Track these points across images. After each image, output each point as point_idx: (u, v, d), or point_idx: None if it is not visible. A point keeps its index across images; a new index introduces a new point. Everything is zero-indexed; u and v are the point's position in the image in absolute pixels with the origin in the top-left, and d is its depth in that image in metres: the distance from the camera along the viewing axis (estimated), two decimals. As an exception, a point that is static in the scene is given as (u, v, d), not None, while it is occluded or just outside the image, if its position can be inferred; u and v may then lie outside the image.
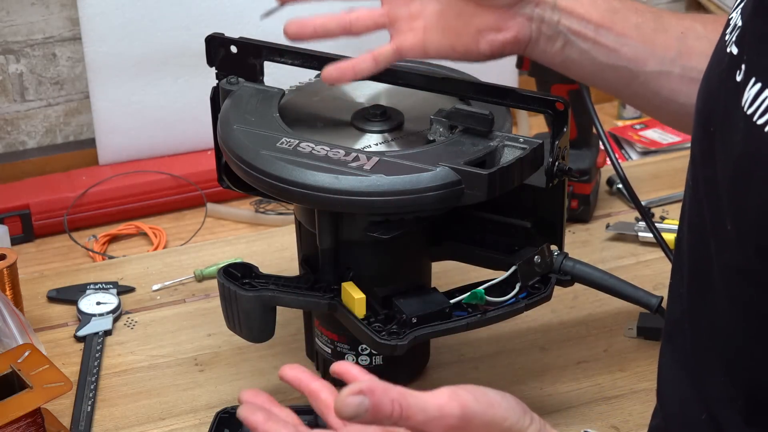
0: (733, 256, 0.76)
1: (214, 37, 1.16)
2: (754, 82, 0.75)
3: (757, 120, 0.73)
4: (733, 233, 0.76)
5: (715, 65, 0.83)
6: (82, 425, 1.14)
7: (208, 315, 1.30)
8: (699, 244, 0.84)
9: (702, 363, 0.85)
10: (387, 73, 1.11)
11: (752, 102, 0.74)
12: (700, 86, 0.86)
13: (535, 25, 1.03)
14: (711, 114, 0.82)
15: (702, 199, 0.83)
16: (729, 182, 0.77)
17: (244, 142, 1.05)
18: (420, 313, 1.04)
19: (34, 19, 2.73)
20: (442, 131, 1.06)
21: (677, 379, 0.89)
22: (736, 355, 0.80)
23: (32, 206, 2.70)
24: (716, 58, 0.83)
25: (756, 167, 0.73)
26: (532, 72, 1.44)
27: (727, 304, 0.79)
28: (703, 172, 0.83)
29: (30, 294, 1.32)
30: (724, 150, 0.78)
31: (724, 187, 0.78)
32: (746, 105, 0.75)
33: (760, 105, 0.73)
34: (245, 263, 1.10)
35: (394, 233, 1.05)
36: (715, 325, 0.82)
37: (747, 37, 0.78)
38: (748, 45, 0.77)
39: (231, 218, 2.76)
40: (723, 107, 0.79)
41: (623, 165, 1.25)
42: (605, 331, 1.26)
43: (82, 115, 2.86)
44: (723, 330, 0.81)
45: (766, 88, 0.73)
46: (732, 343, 0.80)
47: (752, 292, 0.75)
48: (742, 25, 0.79)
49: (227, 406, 1.12)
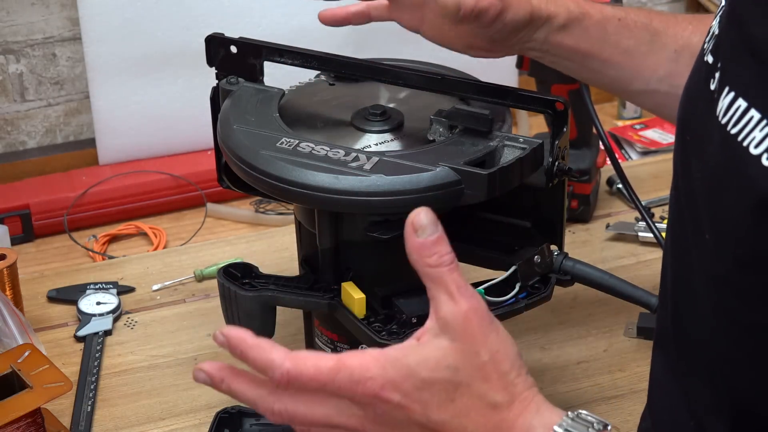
0: (713, 265, 0.76)
1: (214, 37, 1.16)
2: (728, 91, 0.74)
3: (731, 129, 0.73)
4: (712, 243, 0.76)
5: (694, 74, 0.83)
6: (82, 425, 1.15)
7: (208, 315, 1.30)
8: (681, 252, 0.83)
9: (687, 371, 0.85)
10: (387, 73, 1.11)
11: (726, 111, 0.74)
12: (682, 95, 0.86)
13: (525, 52, 1.11)
14: (688, 123, 0.82)
15: (683, 208, 0.82)
16: (706, 192, 0.76)
17: (244, 142, 1.05)
18: (420, 313, 1.04)
19: (34, 19, 2.73)
20: (442, 131, 1.06)
21: (666, 386, 0.88)
22: (719, 364, 0.80)
23: (32, 206, 2.70)
24: (696, 67, 0.83)
25: (730, 177, 0.73)
26: (532, 72, 1.44)
27: (708, 312, 0.79)
28: (682, 181, 0.82)
29: (30, 294, 1.32)
30: (700, 159, 0.78)
31: (701, 196, 0.77)
32: (720, 114, 0.74)
33: (734, 114, 0.73)
34: (245, 263, 1.10)
35: (394, 233, 1.04)
36: (697, 333, 0.82)
37: (721, 45, 0.78)
38: (722, 54, 0.77)
39: (231, 218, 2.76)
40: (699, 116, 0.79)
41: (623, 165, 1.25)
42: (605, 331, 1.26)
43: (82, 115, 2.86)
44: (705, 338, 0.81)
45: (739, 97, 0.73)
46: (714, 351, 0.80)
47: (733, 302, 0.75)
48: (718, 33, 0.79)
49: (227, 406, 1.12)
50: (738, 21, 0.75)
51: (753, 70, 0.72)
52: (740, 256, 0.73)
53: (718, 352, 0.79)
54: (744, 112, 0.72)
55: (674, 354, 0.86)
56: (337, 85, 1.18)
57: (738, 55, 0.74)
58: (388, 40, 2.81)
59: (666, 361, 0.88)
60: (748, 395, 0.78)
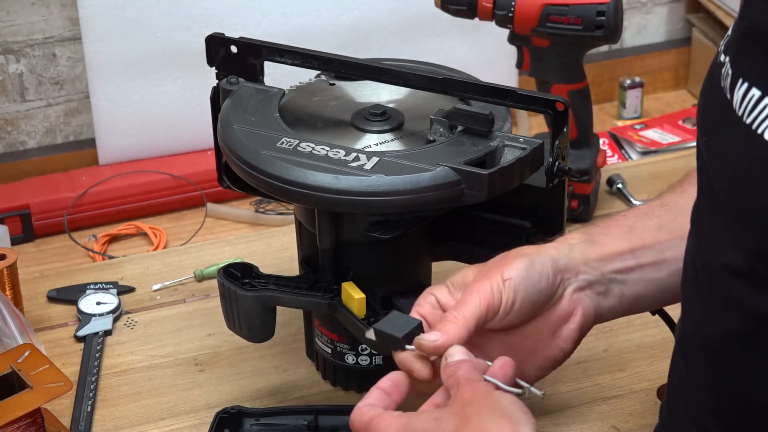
0: (736, 259, 0.76)
1: (214, 37, 1.16)
2: (741, 82, 0.75)
3: (746, 119, 0.73)
4: (734, 234, 0.76)
5: (709, 76, 0.83)
6: (82, 425, 1.14)
7: (208, 315, 1.30)
8: (698, 247, 0.84)
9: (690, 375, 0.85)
10: (387, 73, 1.11)
11: (740, 102, 0.74)
12: (699, 98, 0.86)
13: (589, 292, 0.98)
14: (705, 122, 0.82)
15: (703, 201, 0.83)
16: (729, 185, 0.77)
17: (244, 142, 1.05)
18: (420, 313, 1.04)
19: (34, 19, 2.73)
20: (442, 131, 1.06)
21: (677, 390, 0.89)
22: (725, 361, 0.80)
23: (32, 206, 2.70)
24: (710, 69, 0.83)
25: (752, 165, 0.73)
26: (532, 72, 1.44)
27: (717, 307, 0.79)
28: (705, 182, 0.83)
29: (30, 294, 1.32)
30: (721, 155, 0.78)
31: (723, 191, 0.77)
32: (737, 106, 0.75)
33: (748, 104, 0.73)
34: (245, 263, 1.10)
35: (394, 233, 1.05)
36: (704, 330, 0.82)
37: (732, 42, 0.78)
38: (734, 48, 0.77)
39: (231, 218, 2.76)
40: (715, 113, 0.79)
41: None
42: (605, 331, 1.26)
43: (82, 115, 2.86)
44: (710, 334, 0.81)
45: (752, 87, 0.73)
46: (719, 348, 0.80)
47: (750, 293, 0.75)
48: (731, 32, 0.79)
49: (227, 406, 1.12)
50: (748, 15, 0.75)
51: (762, 59, 0.73)
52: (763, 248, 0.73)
53: (723, 348, 0.79)
54: (758, 101, 0.73)
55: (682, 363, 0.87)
56: (337, 85, 1.18)
57: (747, 47, 0.75)
58: (388, 40, 2.82)
59: None
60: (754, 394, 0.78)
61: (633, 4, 3.16)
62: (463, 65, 1.12)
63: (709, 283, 0.81)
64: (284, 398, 1.18)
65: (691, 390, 0.86)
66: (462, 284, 0.97)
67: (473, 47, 2.77)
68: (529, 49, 1.42)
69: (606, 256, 0.99)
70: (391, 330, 0.92)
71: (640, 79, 3.05)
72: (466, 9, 1.41)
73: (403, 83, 1.12)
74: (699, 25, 3.11)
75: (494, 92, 1.08)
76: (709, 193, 0.81)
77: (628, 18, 3.13)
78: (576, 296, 0.98)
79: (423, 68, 1.13)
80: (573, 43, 1.39)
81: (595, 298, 0.98)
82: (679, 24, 3.20)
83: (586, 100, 1.44)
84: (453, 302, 0.95)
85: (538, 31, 1.39)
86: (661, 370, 1.19)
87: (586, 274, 0.98)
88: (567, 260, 0.97)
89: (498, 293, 0.94)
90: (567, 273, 0.97)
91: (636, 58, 3.17)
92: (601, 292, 0.99)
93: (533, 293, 0.95)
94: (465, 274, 0.98)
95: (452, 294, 0.97)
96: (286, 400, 1.17)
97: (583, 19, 1.37)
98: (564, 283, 0.97)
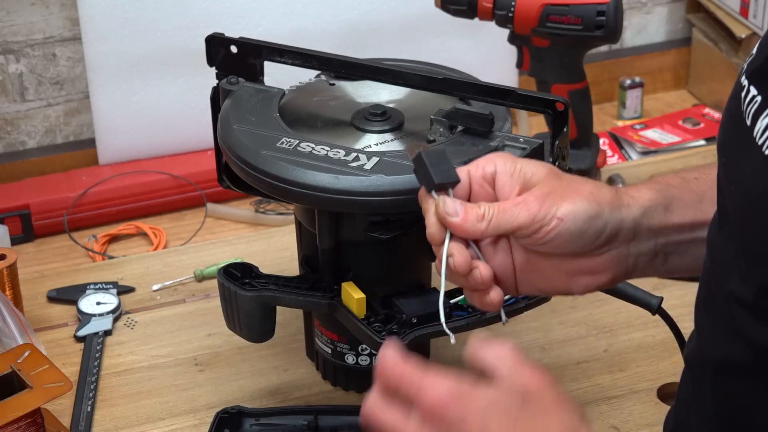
0: (741, 288, 0.76)
1: (214, 37, 1.16)
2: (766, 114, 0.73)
3: (765, 150, 0.72)
4: (742, 265, 0.76)
5: (732, 97, 0.81)
6: (82, 425, 1.14)
7: (208, 315, 1.30)
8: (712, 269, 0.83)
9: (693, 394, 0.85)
10: (387, 73, 1.11)
11: (763, 132, 0.73)
12: (722, 118, 0.83)
13: (632, 259, 0.92)
14: (726, 143, 0.81)
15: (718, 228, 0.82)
16: (740, 213, 0.76)
17: (244, 142, 1.05)
18: (420, 313, 1.04)
19: (34, 19, 2.73)
20: (442, 131, 1.06)
21: None
22: (727, 387, 0.80)
23: (32, 206, 2.70)
24: (734, 91, 0.81)
25: (762, 200, 0.72)
26: (532, 72, 1.44)
27: (724, 331, 0.79)
28: (721, 203, 0.81)
29: (30, 294, 1.32)
30: (736, 181, 0.77)
31: (736, 218, 0.77)
32: (758, 135, 0.74)
33: None
34: (245, 263, 1.10)
35: (394, 233, 1.05)
36: (711, 353, 0.82)
37: (757, 69, 0.77)
38: (758, 77, 0.76)
39: (231, 218, 2.76)
40: (735, 136, 0.78)
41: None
42: (605, 331, 1.26)
43: (82, 115, 2.86)
44: (715, 357, 0.81)
45: None
46: (722, 373, 0.80)
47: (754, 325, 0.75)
48: (756, 54, 0.78)
49: (227, 406, 1.12)
50: None
51: None
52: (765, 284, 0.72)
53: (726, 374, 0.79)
54: None
55: None
56: (337, 85, 1.18)
57: None
58: (388, 40, 2.82)
59: None
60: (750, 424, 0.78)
61: (633, 4, 3.15)
62: (463, 65, 1.12)
63: (717, 306, 0.81)
64: (284, 398, 1.18)
65: (695, 408, 0.86)
66: (523, 177, 0.89)
67: (473, 47, 2.77)
68: (529, 49, 1.42)
69: (668, 228, 0.91)
70: (432, 168, 0.87)
71: (640, 79, 3.05)
72: (466, 9, 1.41)
73: (403, 83, 1.12)
74: (699, 25, 3.11)
75: (494, 92, 1.08)
76: (724, 215, 0.80)
77: (628, 18, 3.12)
78: (616, 260, 0.90)
79: (423, 68, 1.13)
80: (573, 43, 1.39)
81: (634, 263, 0.91)
82: (679, 24, 3.20)
83: (586, 100, 1.45)
84: (506, 188, 0.88)
85: (538, 31, 1.39)
86: (661, 370, 1.19)
87: (639, 244, 0.91)
88: (632, 225, 0.89)
89: (538, 224, 0.86)
90: (622, 237, 0.89)
91: (636, 58, 3.16)
92: (645, 260, 0.92)
93: (575, 244, 0.88)
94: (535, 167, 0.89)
95: (512, 178, 0.89)
96: (286, 400, 1.17)
97: (583, 19, 1.37)
98: (612, 245, 0.90)
